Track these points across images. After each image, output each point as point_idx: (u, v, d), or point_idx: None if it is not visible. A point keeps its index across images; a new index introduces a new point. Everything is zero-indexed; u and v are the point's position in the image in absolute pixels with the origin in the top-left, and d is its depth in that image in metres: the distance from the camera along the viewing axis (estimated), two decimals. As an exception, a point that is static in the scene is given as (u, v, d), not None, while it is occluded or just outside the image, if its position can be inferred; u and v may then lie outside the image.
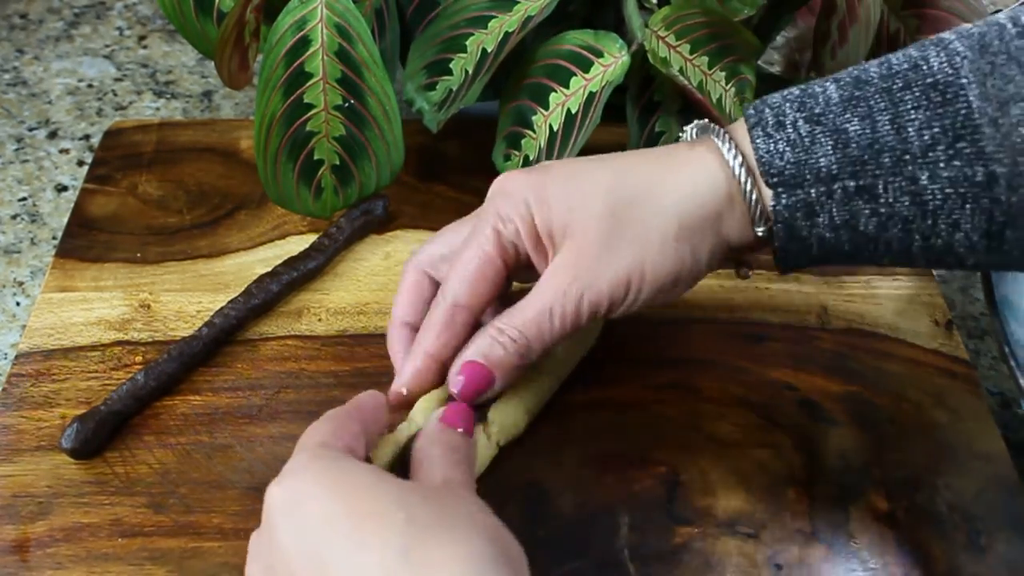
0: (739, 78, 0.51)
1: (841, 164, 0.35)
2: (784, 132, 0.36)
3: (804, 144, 0.35)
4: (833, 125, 0.35)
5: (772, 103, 0.37)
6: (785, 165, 0.36)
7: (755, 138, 0.36)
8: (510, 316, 0.38)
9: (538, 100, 0.49)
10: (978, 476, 0.42)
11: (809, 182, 0.35)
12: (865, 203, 0.35)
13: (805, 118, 0.36)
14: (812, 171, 0.35)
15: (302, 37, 0.45)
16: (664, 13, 0.48)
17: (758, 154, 0.36)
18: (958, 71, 0.34)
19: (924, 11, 0.57)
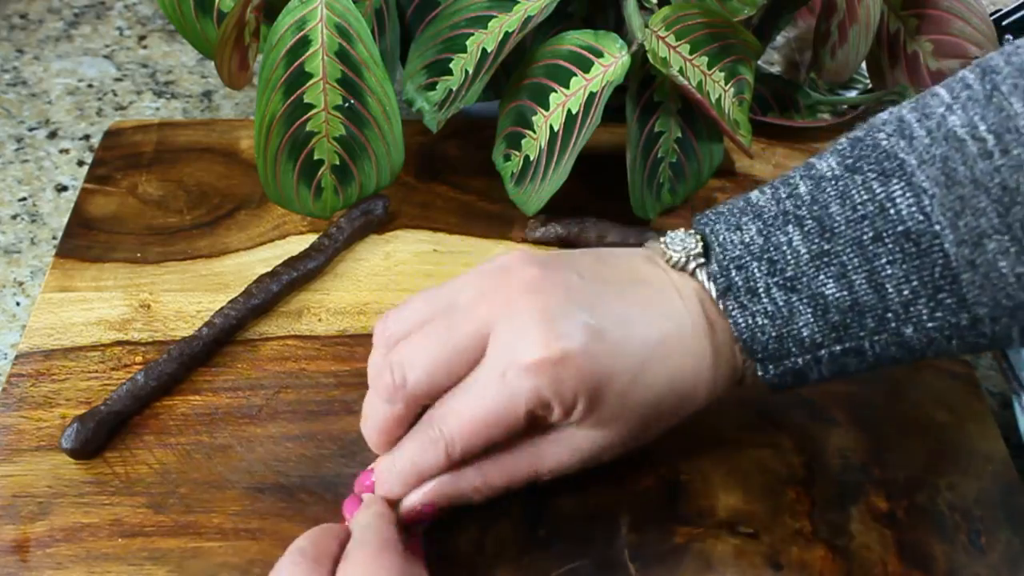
0: (738, 78, 0.51)
1: (824, 332, 0.35)
2: (760, 303, 0.35)
3: (783, 315, 0.35)
4: (809, 290, 0.34)
5: (736, 258, 0.35)
6: (768, 340, 0.35)
7: (730, 311, 0.35)
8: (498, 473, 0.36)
9: (538, 100, 0.49)
10: (978, 476, 0.42)
11: (795, 353, 0.35)
12: (852, 358, 0.35)
13: (778, 284, 0.35)
14: (796, 342, 0.35)
15: (302, 37, 0.45)
16: (664, 13, 0.48)
17: (737, 329, 0.35)
18: (928, 216, 0.33)
19: (924, 11, 0.57)
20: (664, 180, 0.53)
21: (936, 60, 0.57)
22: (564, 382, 0.33)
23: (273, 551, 0.38)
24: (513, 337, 0.34)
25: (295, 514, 0.40)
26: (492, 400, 0.34)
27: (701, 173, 0.54)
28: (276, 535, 0.39)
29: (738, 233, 0.36)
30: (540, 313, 0.34)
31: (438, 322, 0.35)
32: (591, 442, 0.36)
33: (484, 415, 0.34)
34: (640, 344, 0.35)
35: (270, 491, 0.41)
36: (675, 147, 0.53)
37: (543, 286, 0.35)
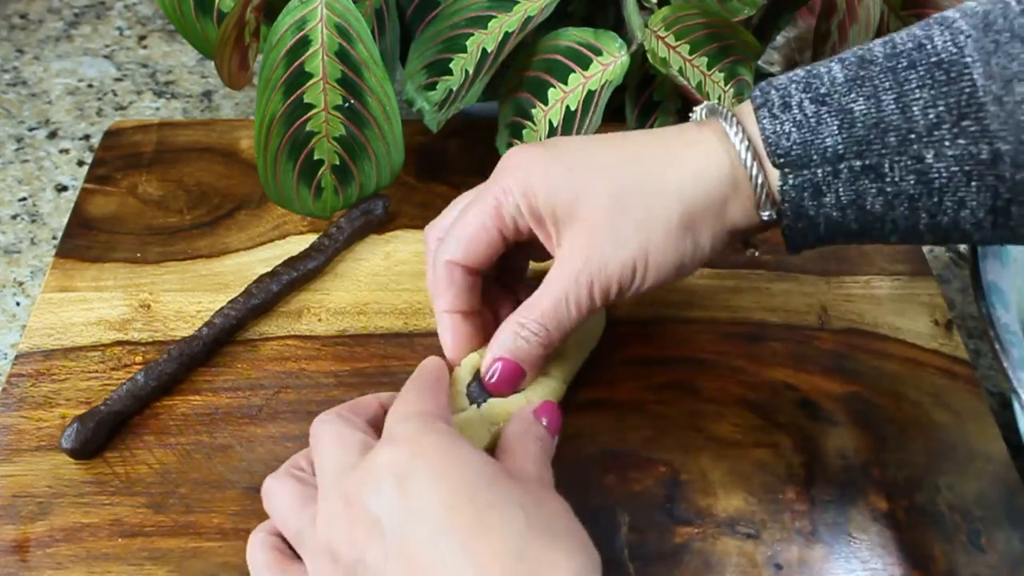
0: (737, 79, 0.51)
1: (847, 144, 0.35)
2: (790, 113, 0.36)
3: (810, 124, 0.36)
4: (839, 105, 0.35)
5: (778, 84, 0.37)
6: (791, 146, 0.36)
7: (761, 119, 0.36)
8: (529, 309, 0.39)
9: (537, 94, 0.49)
10: (978, 476, 0.42)
11: (816, 162, 0.36)
12: (871, 182, 0.35)
13: (811, 98, 0.36)
14: (818, 151, 0.36)
15: (302, 37, 0.45)
16: (664, 13, 0.48)
17: (764, 135, 0.36)
18: (962, 50, 0.34)
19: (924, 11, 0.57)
20: (664, 180, 0.53)
21: (936, 60, 0.57)
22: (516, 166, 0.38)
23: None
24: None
25: (295, 514, 0.40)
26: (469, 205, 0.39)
27: (701, 173, 0.54)
28: (276, 535, 0.39)
29: (786, 73, 0.38)
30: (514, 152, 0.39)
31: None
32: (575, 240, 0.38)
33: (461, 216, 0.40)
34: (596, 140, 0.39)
35: (270, 491, 0.41)
36: (675, 147, 0.53)
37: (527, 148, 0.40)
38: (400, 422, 0.34)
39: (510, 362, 0.39)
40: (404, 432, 0.33)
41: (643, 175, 0.37)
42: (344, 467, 0.33)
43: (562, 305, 0.38)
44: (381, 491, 0.31)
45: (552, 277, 0.38)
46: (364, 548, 0.30)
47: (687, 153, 0.37)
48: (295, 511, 0.34)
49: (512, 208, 0.38)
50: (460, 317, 0.40)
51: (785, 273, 0.50)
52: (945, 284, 0.54)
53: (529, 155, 0.39)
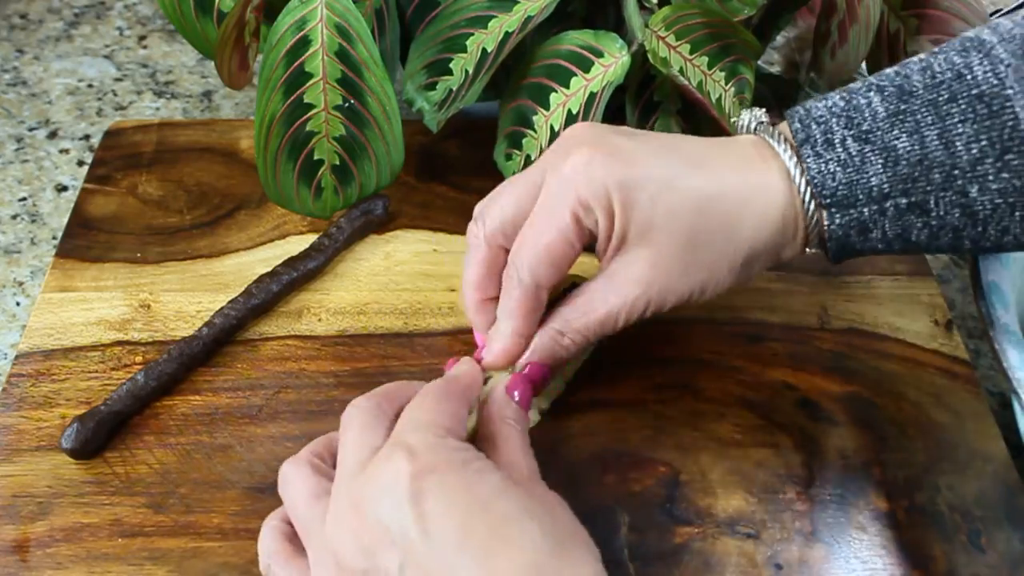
0: (738, 78, 0.51)
1: (892, 183, 0.36)
2: (834, 152, 0.36)
3: (855, 164, 0.36)
4: (882, 143, 0.36)
5: (818, 117, 0.37)
6: (837, 186, 0.36)
7: (805, 157, 0.37)
8: (574, 316, 0.39)
9: (538, 100, 0.49)
10: (978, 476, 0.42)
11: (862, 202, 0.36)
12: (917, 217, 0.36)
13: (853, 136, 0.36)
14: (864, 191, 0.36)
15: (302, 37, 0.45)
16: (664, 13, 0.48)
17: (809, 175, 0.37)
18: (1003, 81, 0.34)
19: (924, 11, 0.57)
20: (664, 180, 0.53)
21: (936, 60, 0.57)
22: (596, 178, 0.36)
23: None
24: (559, 159, 0.38)
25: (295, 514, 0.40)
26: (541, 214, 0.38)
27: (701, 173, 0.54)
28: (276, 535, 0.39)
29: (823, 101, 0.38)
30: (583, 142, 0.38)
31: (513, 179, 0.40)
32: (642, 266, 0.37)
33: (538, 231, 0.38)
34: (673, 152, 0.38)
35: (270, 491, 0.41)
36: (675, 147, 0.53)
37: (593, 133, 0.39)
38: (415, 430, 0.33)
39: (544, 368, 0.39)
40: (418, 443, 0.32)
41: (721, 219, 0.37)
42: (358, 466, 0.32)
43: (611, 321, 0.38)
44: (392, 503, 0.30)
45: (604, 293, 0.38)
46: (373, 555, 0.30)
47: (760, 198, 0.37)
48: (307, 503, 0.33)
49: (591, 224, 0.37)
50: (520, 339, 0.39)
51: (785, 273, 0.50)
52: (945, 284, 0.54)
53: (608, 167, 0.37)
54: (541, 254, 0.38)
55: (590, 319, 0.38)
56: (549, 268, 0.38)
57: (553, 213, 0.37)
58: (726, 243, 0.37)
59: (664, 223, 0.37)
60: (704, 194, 0.37)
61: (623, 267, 0.38)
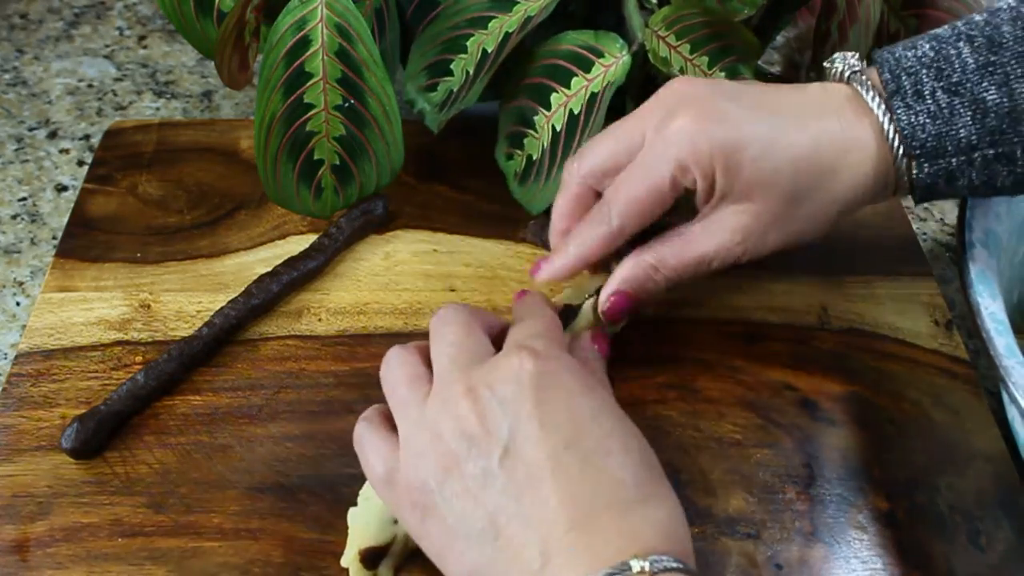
0: (738, 79, 0.51)
1: (980, 135, 0.37)
2: (924, 103, 0.37)
3: (944, 116, 0.37)
4: (972, 95, 0.36)
5: (908, 67, 0.38)
6: (927, 137, 0.37)
7: (895, 108, 0.38)
8: (670, 254, 0.40)
9: (539, 100, 0.49)
10: (978, 476, 0.42)
11: (950, 152, 0.37)
12: (1003, 166, 0.37)
13: (943, 87, 0.37)
14: (953, 142, 0.37)
15: (302, 37, 0.45)
16: (664, 13, 0.48)
17: (899, 125, 0.37)
18: None
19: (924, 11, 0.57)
20: (664, 180, 0.53)
21: (936, 60, 0.57)
22: (699, 144, 0.38)
23: (273, 551, 0.38)
24: (662, 119, 0.39)
25: (295, 514, 0.40)
26: (641, 169, 0.39)
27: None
28: (276, 535, 0.39)
29: (913, 49, 0.38)
30: (687, 102, 0.39)
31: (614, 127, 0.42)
32: (742, 217, 0.39)
33: (635, 184, 0.39)
34: (773, 112, 0.39)
35: (270, 491, 0.41)
36: (675, 147, 0.53)
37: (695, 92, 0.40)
38: (537, 338, 0.35)
39: (632, 297, 0.41)
40: (542, 348, 0.34)
41: (819, 174, 0.38)
42: (471, 359, 0.34)
43: (705, 264, 0.40)
44: (515, 389, 0.33)
45: (703, 236, 0.40)
46: (474, 440, 0.32)
47: (855, 150, 0.38)
48: (409, 384, 0.35)
49: (689, 182, 0.39)
50: (582, 266, 0.42)
51: (785, 273, 0.50)
52: (945, 284, 0.54)
53: (712, 134, 0.38)
54: (634, 204, 0.40)
55: (686, 258, 0.40)
56: (638, 217, 0.40)
57: (652, 170, 0.39)
58: (824, 195, 0.39)
59: (766, 181, 0.38)
60: (803, 152, 0.38)
61: (724, 216, 0.39)
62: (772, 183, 0.38)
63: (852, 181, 0.39)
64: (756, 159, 0.38)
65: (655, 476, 0.33)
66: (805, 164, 0.38)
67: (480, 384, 0.33)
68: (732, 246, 0.40)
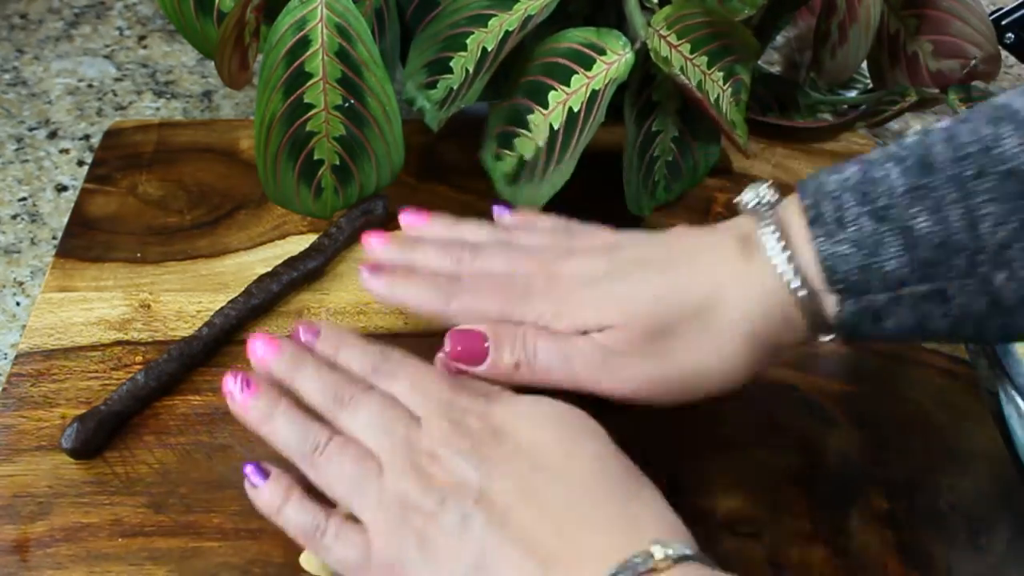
0: (735, 79, 0.51)
1: (911, 267, 0.33)
2: (846, 232, 0.33)
3: (869, 245, 0.33)
4: (900, 221, 0.33)
5: (830, 191, 0.34)
6: (850, 270, 0.33)
7: (816, 237, 0.34)
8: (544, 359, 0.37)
9: (535, 99, 0.49)
10: (978, 476, 0.42)
11: (876, 287, 0.33)
12: (936, 306, 0.33)
13: (869, 213, 0.33)
14: (878, 276, 0.33)
15: (302, 37, 0.45)
16: (666, 12, 0.48)
17: (821, 256, 0.34)
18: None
19: (924, 11, 0.57)
20: (660, 178, 0.53)
21: (936, 60, 0.57)
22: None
23: (273, 551, 0.38)
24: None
25: (295, 514, 0.40)
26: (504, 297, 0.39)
27: (697, 171, 0.54)
28: (276, 535, 0.39)
29: (837, 173, 0.35)
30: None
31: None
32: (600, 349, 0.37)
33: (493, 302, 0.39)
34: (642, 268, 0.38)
35: (270, 491, 0.41)
36: (672, 146, 0.53)
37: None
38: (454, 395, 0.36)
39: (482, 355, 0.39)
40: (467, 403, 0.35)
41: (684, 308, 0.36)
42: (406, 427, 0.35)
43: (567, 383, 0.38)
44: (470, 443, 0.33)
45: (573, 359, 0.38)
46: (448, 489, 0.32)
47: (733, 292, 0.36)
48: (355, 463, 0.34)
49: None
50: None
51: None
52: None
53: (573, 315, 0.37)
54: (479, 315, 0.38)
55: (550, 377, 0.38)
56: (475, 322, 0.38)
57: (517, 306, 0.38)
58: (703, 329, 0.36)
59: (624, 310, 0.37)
60: (664, 291, 0.36)
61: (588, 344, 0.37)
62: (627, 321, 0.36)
63: (738, 315, 0.35)
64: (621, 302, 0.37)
65: (634, 473, 0.33)
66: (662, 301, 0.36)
67: (436, 446, 0.33)
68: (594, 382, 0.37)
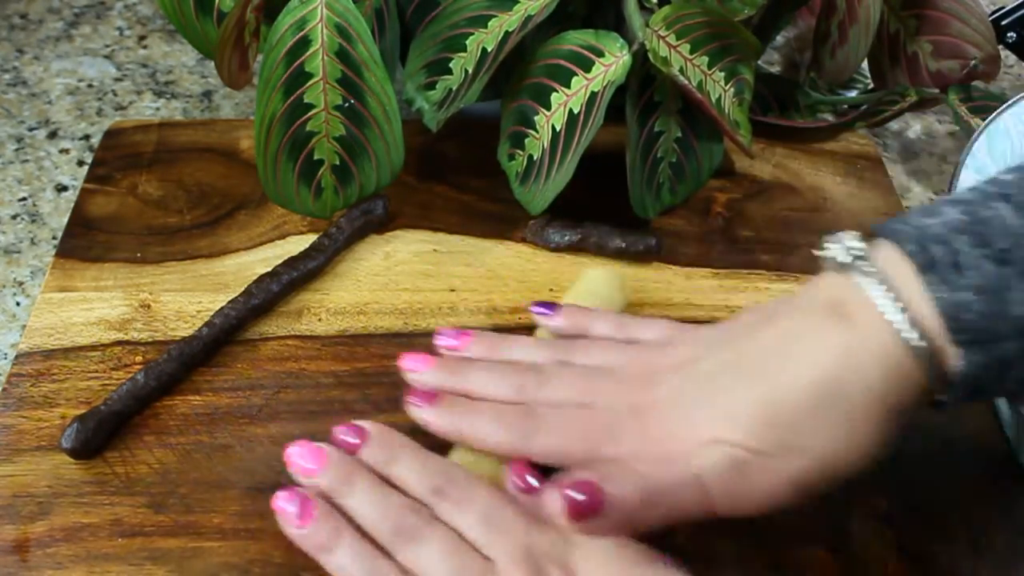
0: (738, 78, 0.51)
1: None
2: (966, 277, 0.30)
3: (994, 289, 0.30)
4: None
5: (935, 234, 0.31)
6: (975, 318, 0.30)
7: (931, 284, 0.31)
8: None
9: (539, 100, 0.49)
10: (978, 476, 0.42)
11: (1004, 335, 0.30)
12: None
13: (988, 256, 0.30)
14: (1007, 323, 0.30)
15: (302, 37, 0.45)
16: (665, 13, 0.48)
17: (941, 306, 0.30)
18: None
19: (924, 11, 0.57)
20: (664, 180, 0.53)
21: (935, 61, 0.57)
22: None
23: (273, 551, 0.38)
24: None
25: (295, 514, 0.40)
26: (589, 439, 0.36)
27: (701, 173, 0.54)
28: (276, 535, 0.39)
29: (935, 216, 0.32)
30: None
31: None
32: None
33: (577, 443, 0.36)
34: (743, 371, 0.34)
35: (270, 491, 0.40)
36: (675, 147, 0.53)
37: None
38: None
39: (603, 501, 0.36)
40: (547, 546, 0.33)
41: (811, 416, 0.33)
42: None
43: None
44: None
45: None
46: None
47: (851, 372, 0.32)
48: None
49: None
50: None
51: (785, 273, 0.50)
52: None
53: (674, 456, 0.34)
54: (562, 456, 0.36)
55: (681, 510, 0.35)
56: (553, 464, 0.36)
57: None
58: (823, 418, 0.32)
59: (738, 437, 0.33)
60: (771, 395, 0.33)
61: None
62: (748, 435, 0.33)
63: (858, 392, 0.32)
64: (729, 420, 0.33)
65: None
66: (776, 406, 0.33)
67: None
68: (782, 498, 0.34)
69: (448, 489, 0.34)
